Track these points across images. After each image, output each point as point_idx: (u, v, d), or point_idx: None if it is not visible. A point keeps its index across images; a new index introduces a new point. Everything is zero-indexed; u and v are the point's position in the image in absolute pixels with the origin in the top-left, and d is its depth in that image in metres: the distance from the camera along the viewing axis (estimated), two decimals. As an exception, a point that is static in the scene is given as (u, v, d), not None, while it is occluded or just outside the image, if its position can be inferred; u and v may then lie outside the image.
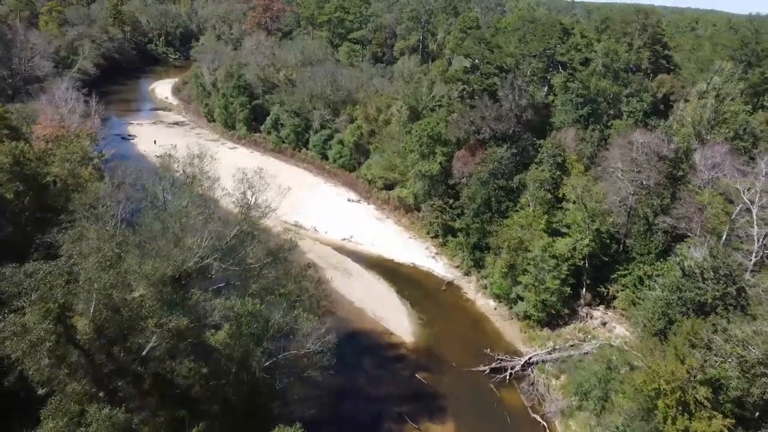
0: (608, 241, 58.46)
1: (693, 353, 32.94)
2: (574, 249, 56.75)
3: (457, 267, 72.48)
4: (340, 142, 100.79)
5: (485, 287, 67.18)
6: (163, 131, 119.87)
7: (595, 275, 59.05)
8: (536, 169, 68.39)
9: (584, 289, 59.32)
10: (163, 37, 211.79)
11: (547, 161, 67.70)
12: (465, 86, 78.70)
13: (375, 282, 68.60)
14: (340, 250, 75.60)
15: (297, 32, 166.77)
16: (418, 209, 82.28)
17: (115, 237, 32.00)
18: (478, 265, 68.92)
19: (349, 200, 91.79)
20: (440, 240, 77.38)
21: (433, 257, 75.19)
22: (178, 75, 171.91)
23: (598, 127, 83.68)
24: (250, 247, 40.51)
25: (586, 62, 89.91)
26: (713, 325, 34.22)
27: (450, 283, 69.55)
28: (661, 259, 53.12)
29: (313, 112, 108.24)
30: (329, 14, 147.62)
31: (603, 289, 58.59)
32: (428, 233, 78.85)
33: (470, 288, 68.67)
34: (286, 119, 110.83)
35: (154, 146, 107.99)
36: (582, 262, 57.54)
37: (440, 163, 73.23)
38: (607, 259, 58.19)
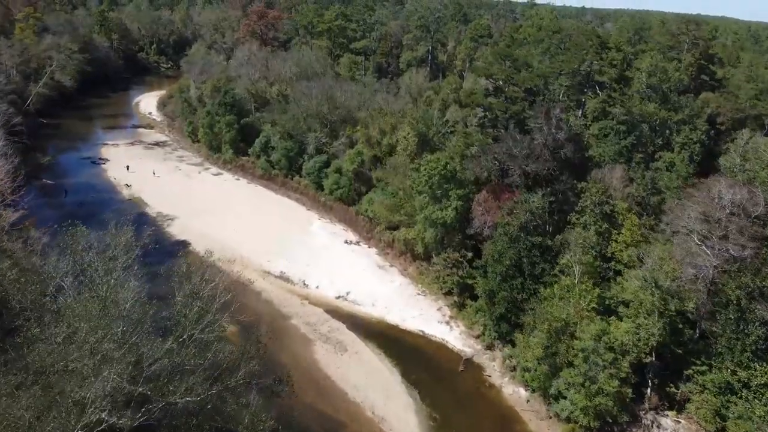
0: (681, 325, 44.56)
1: None
2: (638, 338, 42.90)
3: (477, 337, 58.62)
4: (338, 170, 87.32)
5: (514, 369, 53.41)
6: (140, 154, 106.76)
7: (662, 371, 45.11)
8: (577, 220, 54.78)
9: (649, 389, 45.40)
10: (154, 45, 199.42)
11: (591, 211, 54.03)
12: (486, 112, 65.08)
13: (375, 360, 54.81)
14: (333, 312, 61.89)
15: (296, 41, 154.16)
16: (429, 257, 68.70)
17: None
18: (504, 338, 55.15)
19: (346, 242, 78.13)
20: (455, 298, 63.61)
21: (447, 322, 61.39)
22: (170, 86, 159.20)
23: (639, 155, 70.34)
24: (189, 379, 26.97)
25: (622, 80, 76.52)
26: None
27: (469, 361, 55.72)
28: (762, 362, 39.25)
29: (308, 134, 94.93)
30: (329, 22, 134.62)
31: (673, 389, 44.64)
32: (440, 289, 65.11)
33: (494, 368, 54.81)
34: (277, 142, 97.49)
35: (127, 173, 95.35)
36: (648, 357, 43.67)
37: (455, 208, 59.66)
38: (679, 351, 44.25)
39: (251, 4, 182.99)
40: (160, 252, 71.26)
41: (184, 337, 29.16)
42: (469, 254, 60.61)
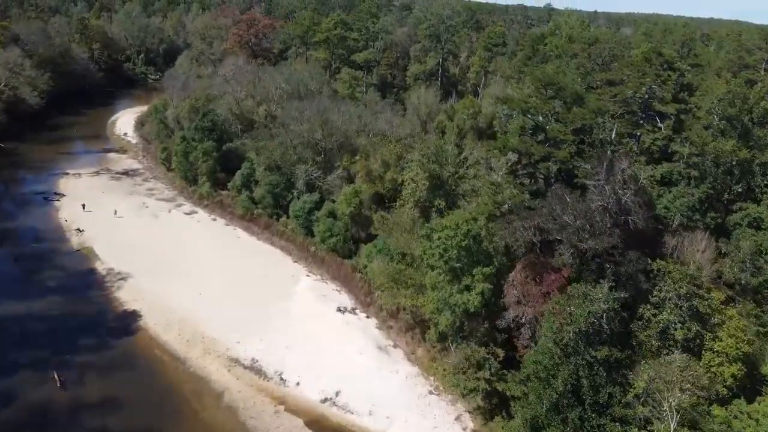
0: None
1: None
2: None
3: (512, 468, 43.14)
4: (331, 213, 72.16)
5: None
6: (105, 186, 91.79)
7: None
8: (653, 316, 39.16)
9: None
10: (142, 55, 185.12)
11: (675, 306, 38.43)
12: (520, 156, 49.39)
13: None
14: (316, 425, 46.28)
15: (292, 53, 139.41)
16: (444, 337, 53.26)
17: None
18: (551, 481, 39.57)
19: (339, 309, 62.57)
20: (480, 401, 48.02)
21: (470, 442, 45.90)
22: (156, 100, 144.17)
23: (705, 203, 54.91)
24: None
25: (684, 109, 61.06)
26: None
27: None
28: None
29: (297, 166, 79.79)
30: (328, 31, 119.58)
31: None
32: (460, 391, 49.38)
33: None
34: (262, 174, 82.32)
35: (82, 213, 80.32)
36: None
37: (481, 292, 44.10)
38: None
39: (250, 10, 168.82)
40: (100, 330, 56.38)
41: None
42: (501, 352, 45.02)
